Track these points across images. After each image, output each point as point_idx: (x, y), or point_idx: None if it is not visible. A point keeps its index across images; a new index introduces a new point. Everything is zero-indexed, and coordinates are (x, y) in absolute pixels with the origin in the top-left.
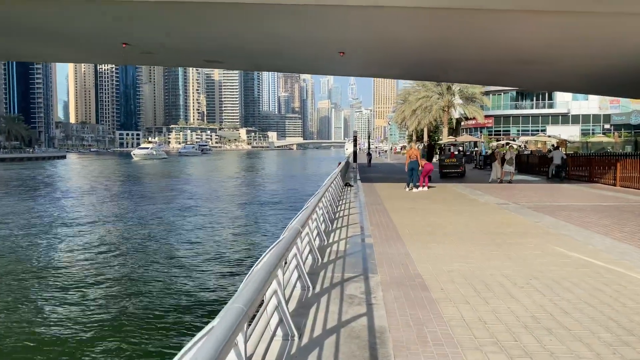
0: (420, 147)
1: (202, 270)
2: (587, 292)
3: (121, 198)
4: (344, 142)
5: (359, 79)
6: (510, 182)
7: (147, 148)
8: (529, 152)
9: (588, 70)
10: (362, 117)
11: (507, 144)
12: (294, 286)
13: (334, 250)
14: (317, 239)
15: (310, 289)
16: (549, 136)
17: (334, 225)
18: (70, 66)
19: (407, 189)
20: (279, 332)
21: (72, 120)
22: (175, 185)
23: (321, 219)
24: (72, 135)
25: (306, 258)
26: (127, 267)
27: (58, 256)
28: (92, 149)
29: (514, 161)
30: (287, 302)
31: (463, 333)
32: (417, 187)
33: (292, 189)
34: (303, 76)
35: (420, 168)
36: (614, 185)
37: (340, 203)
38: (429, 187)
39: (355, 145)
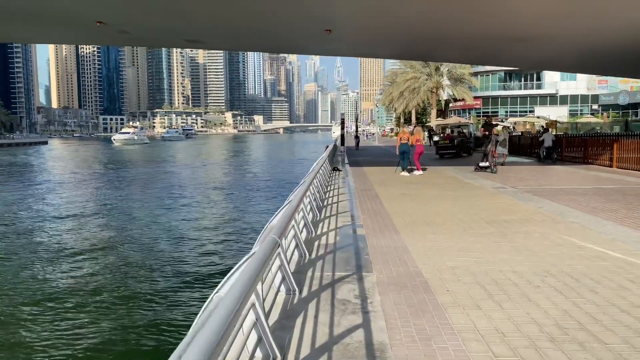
0: (411, 128)
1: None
2: (613, 291)
3: (94, 187)
4: (331, 126)
5: (345, 61)
6: (502, 164)
7: (128, 133)
8: (519, 133)
9: (584, 47)
10: (349, 100)
11: (490, 125)
12: (278, 290)
13: (322, 244)
14: (305, 230)
15: (297, 293)
16: (538, 117)
17: (322, 214)
18: (50, 50)
19: (399, 173)
20: (258, 353)
21: (54, 105)
22: (154, 173)
23: (308, 208)
24: (55, 120)
25: (292, 254)
26: (97, 267)
27: (27, 251)
28: (75, 134)
29: (507, 143)
30: (268, 315)
31: (479, 350)
32: (409, 171)
33: (280, 174)
34: (289, 59)
35: (411, 146)
36: (611, 166)
37: (328, 189)
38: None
39: (342, 129)
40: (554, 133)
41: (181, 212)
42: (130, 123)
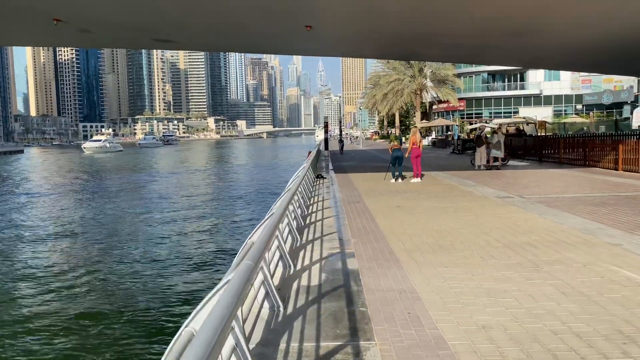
0: (392, 132)
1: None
2: None
3: (49, 200)
4: (315, 129)
5: (327, 65)
6: (498, 168)
7: (100, 140)
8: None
9: (580, 42)
10: (332, 104)
11: (475, 129)
12: None
13: (302, 286)
14: (280, 263)
15: None
16: (524, 118)
17: (304, 237)
18: (28, 57)
19: (389, 180)
20: None
21: (33, 113)
22: (119, 183)
23: (286, 231)
24: (33, 128)
25: (261, 304)
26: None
27: None
28: (54, 143)
29: (502, 145)
30: None
31: None
32: (402, 177)
33: (262, 182)
34: (271, 63)
35: (407, 155)
36: (616, 169)
37: (311, 202)
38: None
39: (326, 132)
40: (544, 134)
41: (138, 228)
42: (103, 130)
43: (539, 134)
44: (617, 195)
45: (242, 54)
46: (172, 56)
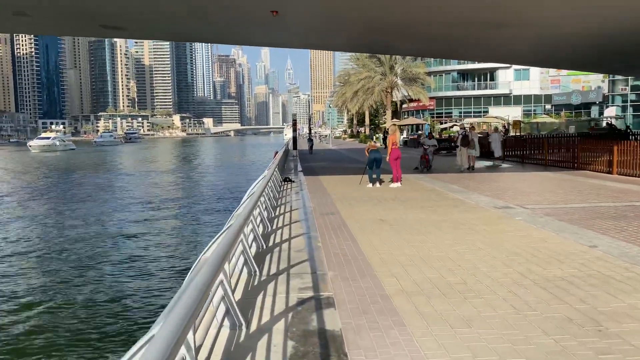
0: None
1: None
2: None
3: None
4: (283, 128)
5: (295, 63)
6: (473, 167)
7: (48, 138)
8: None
9: (561, 37)
10: (300, 102)
11: (446, 128)
12: None
13: None
14: (226, 319)
15: None
16: (496, 117)
17: (264, 269)
18: None
19: (366, 185)
20: None
21: None
22: (61, 184)
23: (240, 262)
24: None
25: None
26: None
27: None
28: (11, 140)
29: (476, 144)
30: None
31: None
32: (380, 182)
33: (226, 186)
34: (239, 60)
35: (387, 158)
36: (610, 172)
37: (276, 213)
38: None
39: (294, 131)
40: (518, 133)
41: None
42: (53, 127)
43: (514, 134)
44: (632, 205)
45: (209, 50)
46: (136, 52)
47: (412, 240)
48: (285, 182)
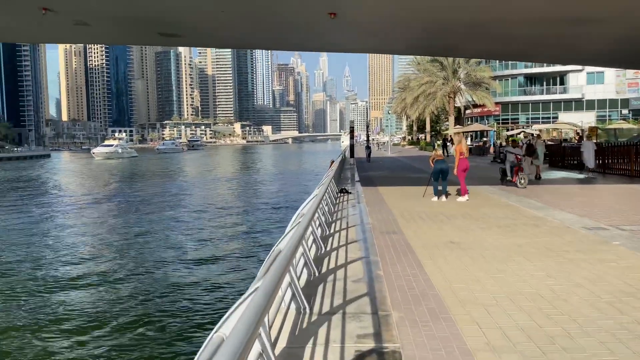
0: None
1: None
2: None
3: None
4: (340, 135)
5: (353, 70)
6: (539, 177)
7: (111, 145)
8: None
9: None
10: (358, 109)
11: (513, 135)
12: None
13: None
14: None
15: None
16: (568, 124)
17: (315, 306)
18: (61, 63)
19: (432, 199)
20: None
21: (65, 118)
22: (114, 192)
23: (287, 296)
24: (63, 133)
25: None
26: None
27: None
28: (83, 147)
29: (540, 154)
30: None
31: None
32: (446, 195)
33: (283, 194)
34: (297, 69)
35: (454, 171)
36: None
37: (331, 230)
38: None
39: (352, 138)
40: (595, 141)
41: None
42: (116, 135)
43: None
44: None
45: (269, 60)
46: (200, 62)
47: (492, 271)
48: (342, 194)
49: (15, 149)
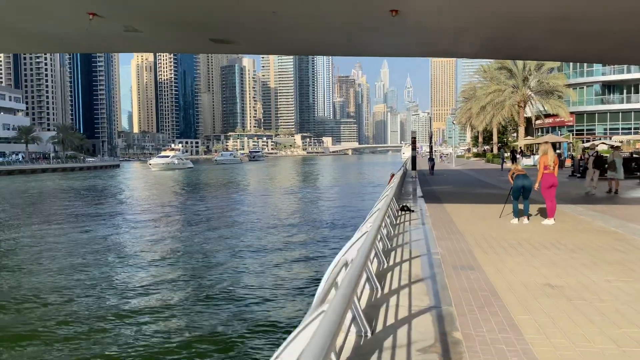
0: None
1: None
2: None
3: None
4: (401, 146)
5: (415, 82)
6: (616, 192)
7: (168, 157)
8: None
9: None
10: (419, 120)
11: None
12: None
13: None
14: None
15: None
16: None
17: None
18: (133, 78)
19: (510, 220)
20: None
21: (136, 130)
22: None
23: None
24: (133, 144)
25: None
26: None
27: None
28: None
29: (617, 166)
30: None
31: None
32: (528, 216)
33: (340, 212)
34: (358, 80)
35: (536, 186)
36: None
37: (389, 262)
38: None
39: (413, 149)
40: None
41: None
42: (172, 146)
43: None
44: None
45: (330, 72)
46: (263, 75)
47: (621, 339)
48: (403, 212)
49: (88, 159)
